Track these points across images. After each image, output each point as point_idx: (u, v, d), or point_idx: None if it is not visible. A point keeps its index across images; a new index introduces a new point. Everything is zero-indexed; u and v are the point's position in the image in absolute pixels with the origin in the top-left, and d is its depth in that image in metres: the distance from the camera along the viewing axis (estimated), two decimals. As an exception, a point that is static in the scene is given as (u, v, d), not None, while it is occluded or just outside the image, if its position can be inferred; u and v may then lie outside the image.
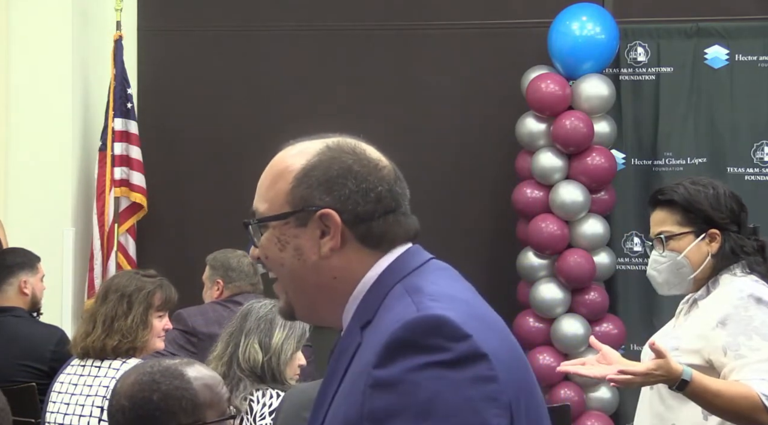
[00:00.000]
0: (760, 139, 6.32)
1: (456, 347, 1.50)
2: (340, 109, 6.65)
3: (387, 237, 1.68)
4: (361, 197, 1.66)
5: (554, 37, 6.14)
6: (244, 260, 4.89)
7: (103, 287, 3.72)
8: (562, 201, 6.02)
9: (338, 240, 1.65)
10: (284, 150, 1.77)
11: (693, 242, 3.09)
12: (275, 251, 1.68)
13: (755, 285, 3.03)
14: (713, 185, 3.14)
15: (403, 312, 1.55)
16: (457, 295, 1.63)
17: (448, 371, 1.49)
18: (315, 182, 1.66)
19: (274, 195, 1.69)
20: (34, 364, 4.57)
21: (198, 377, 2.25)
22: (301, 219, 1.66)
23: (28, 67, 6.34)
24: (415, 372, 1.49)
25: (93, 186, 6.43)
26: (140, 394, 2.20)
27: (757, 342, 2.91)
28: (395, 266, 1.67)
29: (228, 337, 3.53)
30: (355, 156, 1.69)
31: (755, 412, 2.86)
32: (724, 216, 3.09)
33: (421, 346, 1.50)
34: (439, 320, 1.52)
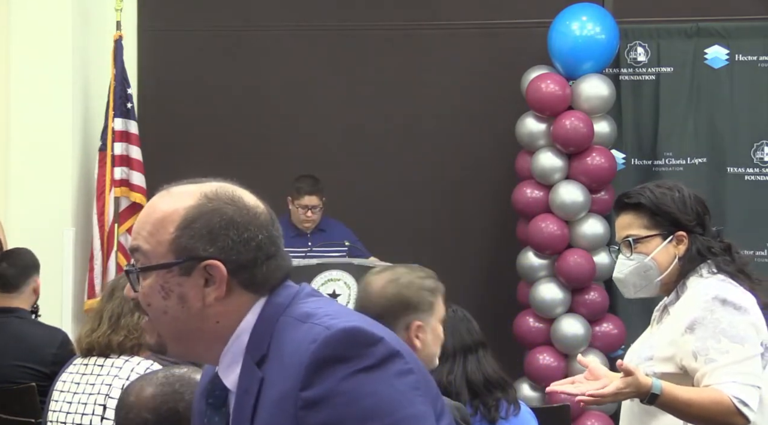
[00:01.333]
0: (760, 139, 6.33)
1: (373, 351, 1.59)
2: (340, 109, 6.65)
3: (269, 282, 1.72)
4: (243, 247, 1.69)
5: (554, 37, 6.14)
6: None
7: (110, 286, 3.73)
8: (562, 201, 6.03)
9: (223, 289, 1.68)
10: (160, 195, 1.79)
11: (661, 245, 3.09)
12: (158, 299, 1.70)
13: (721, 285, 3.02)
14: (678, 188, 3.14)
15: (310, 335, 1.61)
16: (343, 309, 1.71)
17: (374, 373, 1.57)
18: (197, 233, 1.69)
19: (156, 242, 1.70)
20: (36, 366, 4.56)
21: None
22: (185, 269, 1.68)
23: (28, 68, 6.33)
24: (345, 381, 1.56)
25: (93, 186, 6.43)
26: (164, 406, 2.19)
27: (725, 344, 2.91)
28: (273, 301, 1.71)
29: None
30: (234, 206, 1.73)
31: (729, 416, 2.87)
32: (691, 218, 3.09)
33: (343, 358, 1.57)
34: (353, 331, 1.60)
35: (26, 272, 4.80)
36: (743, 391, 2.87)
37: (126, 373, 3.49)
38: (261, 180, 7.98)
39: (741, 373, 2.89)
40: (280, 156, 6.67)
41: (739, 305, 2.96)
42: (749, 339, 2.92)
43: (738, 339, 2.91)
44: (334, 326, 1.60)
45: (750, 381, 2.89)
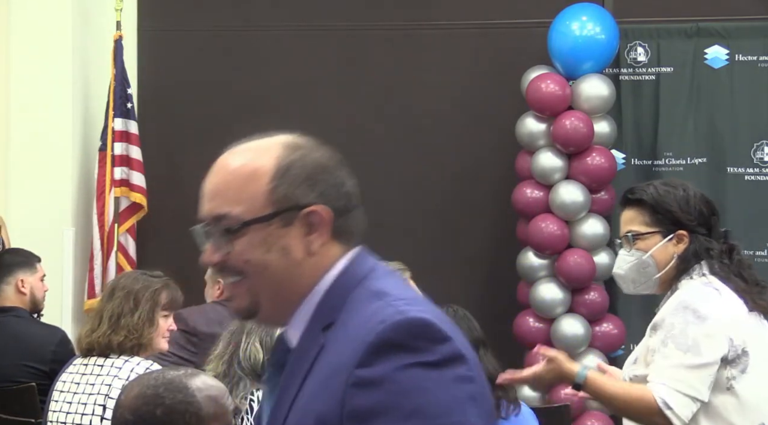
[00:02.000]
0: (760, 139, 6.32)
1: (439, 349, 1.53)
2: (340, 109, 6.65)
3: (354, 232, 1.68)
4: (338, 192, 1.66)
5: (554, 37, 6.14)
6: None
7: (110, 286, 3.74)
8: (562, 201, 6.03)
9: (327, 235, 1.64)
10: (233, 152, 1.72)
11: (660, 243, 3.11)
12: (259, 254, 1.64)
13: (695, 291, 3.05)
14: (684, 186, 3.17)
15: (382, 314, 1.56)
16: (420, 299, 1.65)
17: (433, 371, 1.51)
18: (297, 180, 1.64)
19: (250, 197, 1.65)
20: (35, 365, 4.56)
21: (202, 389, 2.24)
22: (286, 219, 1.63)
23: (28, 68, 6.33)
24: (402, 371, 1.50)
25: (93, 186, 6.43)
26: (144, 408, 2.19)
27: (670, 349, 2.96)
28: (351, 269, 1.66)
29: (229, 336, 3.53)
30: (320, 152, 1.69)
31: (651, 415, 2.92)
32: (692, 218, 3.10)
33: (407, 347, 1.52)
34: (424, 323, 1.54)
35: (5, 271, 4.80)
36: (670, 395, 2.90)
37: (126, 373, 3.49)
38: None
39: (674, 378, 2.92)
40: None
41: (700, 314, 2.98)
42: (696, 348, 2.94)
43: (683, 347, 2.94)
44: (407, 312, 1.55)
45: (681, 389, 2.91)
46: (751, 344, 3.01)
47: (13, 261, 4.87)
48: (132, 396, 2.22)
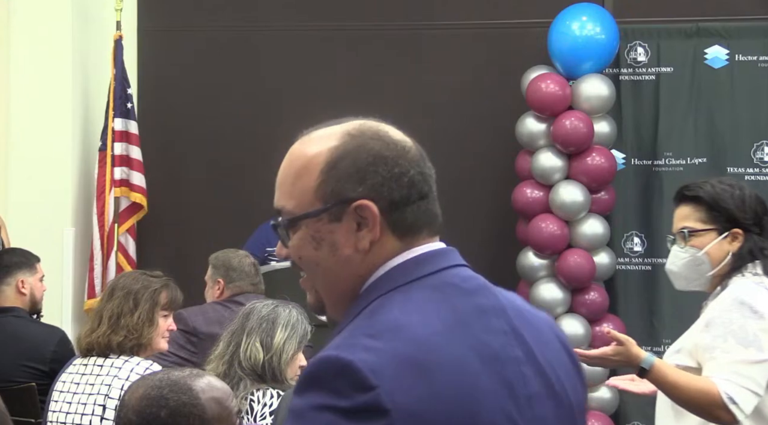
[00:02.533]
0: (760, 139, 6.32)
1: (356, 396, 1.43)
2: (340, 109, 6.63)
3: (416, 225, 1.58)
4: (395, 183, 1.57)
5: (554, 37, 6.14)
6: (246, 260, 4.88)
7: (110, 286, 3.73)
8: (562, 201, 6.02)
9: (377, 231, 1.56)
10: (301, 141, 1.67)
11: (715, 240, 3.13)
12: (310, 251, 1.59)
13: (750, 288, 3.06)
14: (740, 186, 3.19)
15: (336, 342, 1.50)
16: (412, 330, 1.49)
17: (342, 419, 1.42)
18: (345, 174, 1.57)
19: (300, 192, 1.61)
20: (35, 364, 4.56)
21: (206, 391, 2.23)
22: (335, 214, 1.56)
23: (28, 67, 6.33)
24: (315, 411, 1.44)
25: (93, 186, 6.43)
26: (148, 409, 2.18)
27: (731, 344, 2.97)
28: (394, 272, 1.57)
29: (229, 336, 3.53)
30: (381, 141, 1.61)
31: (714, 408, 2.94)
32: (748, 217, 3.12)
33: (326, 387, 1.45)
34: (346, 365, 1.44)
35: (4, 272, 4.80)
36: (735, 390, 2.93)
37: (125, 373, 3.49)
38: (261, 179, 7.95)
39: (738, 374, 2.94)
40: (279, 156, 6.64)
41: (757, 310, 3.00)
42: (756, 343, 2.96)
43: (744, 342, 2.96)
44: (342, 350, 1.46)
45: (745, 384, 2.94)
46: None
47: (12, 262, 4.87)
48: (136, 397, 2.22)
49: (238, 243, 5.52)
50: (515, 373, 1.54)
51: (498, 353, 1.53)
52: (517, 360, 1.55)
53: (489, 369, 1.51)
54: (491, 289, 1.63)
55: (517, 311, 1.62)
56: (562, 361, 1.63)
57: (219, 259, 4.92)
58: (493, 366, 1.52)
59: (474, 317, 1.55)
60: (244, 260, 4.87)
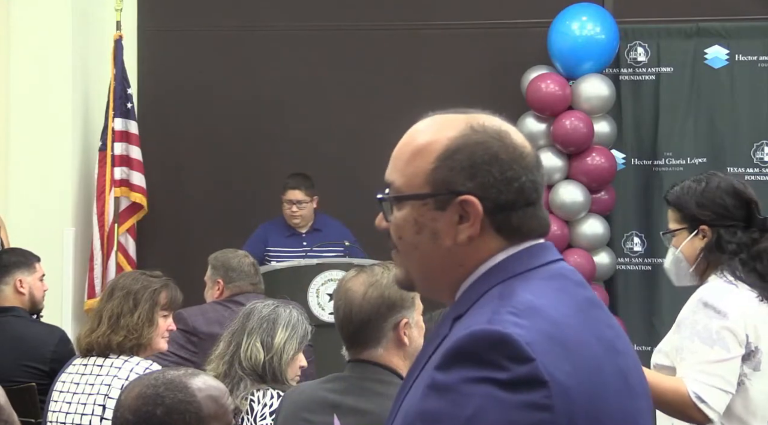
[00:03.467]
0: (760, 139, 6.33)
1: (515, 368, 1.44)
2: (340, 109, 6.65)
3: (522, 230, 1.59)
4: (504, 186, 1.57)
5: (554, 37, 6.14)
6: (245, 260, 4.87)
7: (109, 286, 3.73)
8: (562, 201, 6.03)
9: (477, 228, 1.57)
10: (425, 122, 1.67)
11: (686, 239, 3.19)
12: (411, 234, 1.60)
13: (718, 288, 3.11)
14: (708, 179, 3.20)
15: (479, 319, 1.50)
16: (547, 311, 1.52)
17: (501, 391, 1.43)
18: (459, 166, 1.58)
19: (413, 172, 1.61)
20: (35, 364, 4.56)
21: (202, 389, 2.24)
22: (440, 202, 1.58)
23: (28, 67, 6.34)
24: (469, 384, 1.45)
25: (93, 186, 6.43)
26: (144, 408, 2.18)
27: (696, 345, 3.03)
28: (508, 263, 1.59)
29: (230, 336, 3.53)
30: (501, 142, 1.60)
31: (685, 408, 2.99)
32: (710, 213, 3.14)
33: (480, 360, 1.45)
34: (503, 337, 1.46)
35: (3, 271, 4.79)
36: (702, 389, 2.98)
37: (125, 373, 3.49)
38: (261, 180, 7.95)
39: (705, 373, 2.99)
40: (279, 156, 6.67)
41: (719, 309, 3.04)
42: (721, 342, 3.02)
43: (709, 342, 3.02)
44: (495, 324, 1.47)
45: (713, 383, 2.99)
46: (763, 341, 3.08)
47: (11, 261, 4.86)
48: (132, 396, 2.22)
49: (238, 243, 5.52)
50: (625, 364, 1.58)
51: (612, 343, 1.58)
52: (624, 353, 1.59)
53: (609, 356, 1.55)
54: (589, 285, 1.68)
55: (607, 310, 1.67)
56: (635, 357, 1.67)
57: (218, 259, 4.91)
58: (611, 354, 1.56)
59: (588, 308, 1.59)
60: (243, 260, 4.87)
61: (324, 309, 5.47)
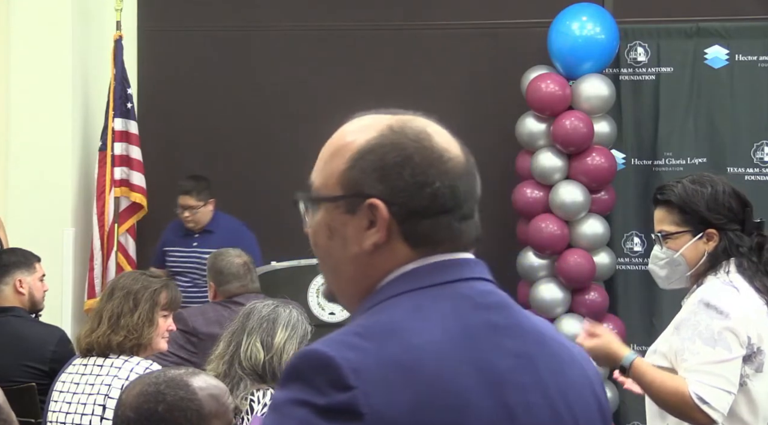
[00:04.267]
0: (760, 139, 6.32)
1: (333, 395, 1.36)
2: (340, 109, 6.62)
3: (432, 240, 1.50)
4: (416, 191, 1.48)
5: (554, 37, 6.14)
6: (235, 262, 4.81)
7: (109, 286, 3.73)
8: (562, 201, 6.03)
9: (384, 235, 1.48)
10: (350, 122, 1.60)
11: (689, 242, 3.14)
12: (324, 239, 1.53)
13: (717, 288, 3.10)
14: (713, 183, 3.16)
15: (327, 337, 1.43)
16: (408, 336, 1.41)
17: (317, 417, 1.36)
18: (369, 167, 1.49)
19: (329, 173, 1.54)
20: (35, 364, 4.56)
21: (203, 387, 2.24)
22: (350, 205, 1.50)
23: (28, 67, 6.34)
24: (292, 405, 1.39)
25: (93, 186, 6.43)
26: (145, 406, 2.19)
27: (698, 345, 3.01)
28: (406, 278, 1.49)
29: (230, 336, 3.52)
30: (417, 143, 1.51)
31: (687, 409, 2.98)
32: (721, 217, 3.12)
33: (306, 381, 1.39)
34: (327, 361, 1.38)
35: (2, 271, 4.79)
36: (704, 390, 2.97)
37: (125, 373, 3.49)
38: (261, 180, 7.95)
39: (707, 373, 2.98)
40: (279, 156, 6.67)
41: (721, 310, 3.03)
42: (723, 343, 3.01)
43: (711, 343, 3.00)
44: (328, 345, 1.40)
45: (715, 383, 2.98)
46: (766, 343, 3.08)
47: (10, 261, 4.86)
48: (134, 394, 2.23)
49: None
50: (519, 399, 1.45)
51: (503, 375, 1.45)
52: (523, 387, 1.46)
53: (488, 390, 1.43)
54: (514, 308, 1.55)
55: (539, 336, 1.54)
56: (582, 397, 1.53)
57: (210, 262, 4.89)
58: (494, 387, 1.43)
59: (483, 334, 1.47)
60: (232, 262, 4.82)
61: (324, 309, 5.47)
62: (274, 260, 5.85)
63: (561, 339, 1.59)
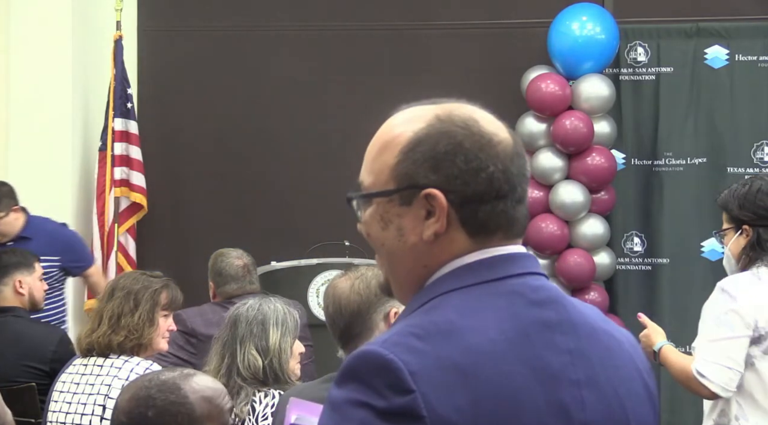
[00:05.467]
0: (760, 139, 6.32)
1: (392, 398, 1.37)
2: (340, 109, 6.65)
3: (489, 227, 1.50)
4: (471, 177, 1.48)
5: (554, 37, 6.14)
6: (235, 263, 4.80)
7: (109, 286, 3.73)
8: (562, 201, 6.03)
9: (443, 223, 1.48)
10: (394, 116, 1.59)
11: (733, 238, 3.48)
12: (377, 230, 1.53)
13: (737, 276, 3.43)
14: (751, 181, 3.49)
15: (380, 338, 1.44)
16: (465, 335, 1.42)
17: (377, 419, 1.36)
18: (421, 158, 1.49)
19: (379, 168, 1.53)
20: (35, 364, 4.56)
21: (196, 390, 2.24)
22: (405, 198, 1.50)
23: (28, 67, 6.33)
24: (352, 406, 1.39)
25: (93, 186, 6.43)
26: (136, 410, 2.19)
27: (708, 325, 3.36)
28: (462, 272, 1.49)
29: (221, 348, 3.47)
30: (466, 130, 1.51)
31: (692, 384, 3.34)
32: (750, 213, 3.42)
33: (366, 383, 1.39)
34: (386, 363, 1.38)
35: (2, 272, 4.79)
36: (704, 365, 3.29)
37: (125, 373, 3.49)
38: (261, 179, 7.93)
39: (708, 350, 3.30)
40: (279, 156, 6.67)
41: (731, 293, 3.34)
42: (726, 323, 3.31)
43: (716, 322, 3.32)
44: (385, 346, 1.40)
45: (715, 359, 3.29)
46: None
47: (10, 261, 4.86)
48: (126, 398, 2.23)
49: (238, 243, 5.51)
50: (573, 396, 1.45)
51: (557, 372, 1.45)
52: (577, 383, 1.46)
53: (543, 389, 1.43)
54: (564, 303, 1.53)
55: (591, 329, 1.53)
56: (633, 389, 1.53)
57: (211, 262, 4.88)
58: (549, 385, 1.43)
59: (536, 331, 1.47)
60: (232, 263, 4.80)
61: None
62: (274, 260, 5.85)
63: (611, 328, 1.58)
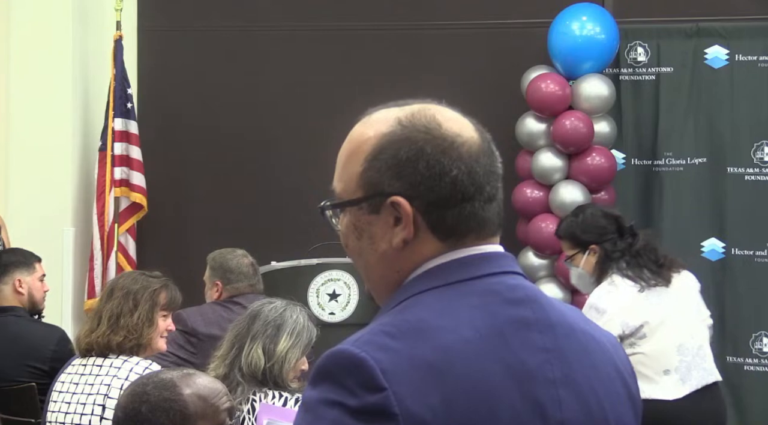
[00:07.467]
0: (760, 139, 6.32)
1: (365, 396, 1.36)
2: (340, 109, 6.63)
3: (459, 230, 1.49)
4: (435, 182, 1.47)
5: (554, 37, 6.14)
6: (244, 261, 4.85)
7: (109, 286, 3.73)
8: (562, 201, 6.02)
9: (411, 230, 1.48)
10: (361, 122, 1.58)
11: (583, 258, 4.27)
12: (354, 241, 1.53)
13: (601, 290, 4.12)
14: (582, 211, 4.38)
15: (351, 337, 1.43)
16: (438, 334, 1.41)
17: (350, 418, 1.36)
18: (384, 166, 1.49)
19: (348, 177, 1.53)
20: (35, 364, 4.56)
21: (191, 387, 2.25)
22: (373, 206, 1.50)
23: (28, 67, 6.34)
24: (324, 406, 1.38)
25: (93, 186, 6.43)
26: (131, 405, 2.22)
27: None
28: (435, 272, 1.49)
29: (234, 338, 3.48)
30: (428, 134, 1.50)
31: None
32: (591, 235, 4.24)
33: (338, 381, 1.38)
34: (358, 362, 1.37)
35: (2, 271, 4.80)
36: None
37: (125, 373, 3.49)
38: (261, 180, 7.93)
39: None
40: (279, 156, 6.67)
41: (599, 308, 4.05)
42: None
43: None
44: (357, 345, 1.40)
45: None
46: (648, 317, 4.02)
47: (10, 261, 4.87)
48: (125, 395, 2.27)
49: (238, 243, 5.51)
50: (549, 395, 1.45)
51: (533, 371, 1.44)
52: (553, 382, 1.45)
53: (519, 387, 1.42)
54: (542, 302, 1.52)
55: (569, 329, 1.52)
56: (612, 388, 1.53)
57: (216, 261, 4.89)
58: (525, 384, 1.43)
59: (512, 330, 1.46)
60: (241, 261, 4.84)
61: (324, 309, 5.47)
62: (274, 260, 5.85)
63: (591, 328, 1.58)
